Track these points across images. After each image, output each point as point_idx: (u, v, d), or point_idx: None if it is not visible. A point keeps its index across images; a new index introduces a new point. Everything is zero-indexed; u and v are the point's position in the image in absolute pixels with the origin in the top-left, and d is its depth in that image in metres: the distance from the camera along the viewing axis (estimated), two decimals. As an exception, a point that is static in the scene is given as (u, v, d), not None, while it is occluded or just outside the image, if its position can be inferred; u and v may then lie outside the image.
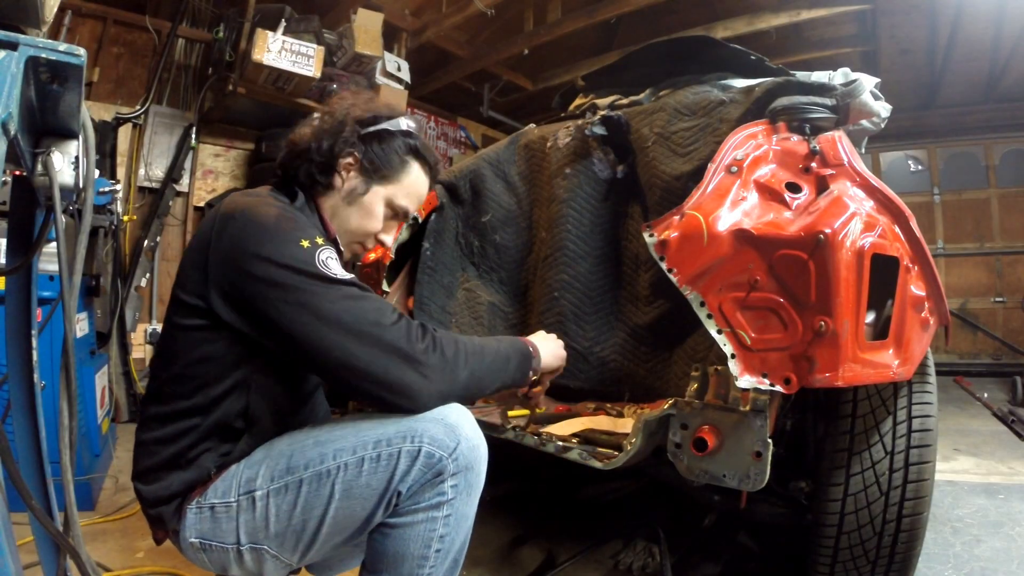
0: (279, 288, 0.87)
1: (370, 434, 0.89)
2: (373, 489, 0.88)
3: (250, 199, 0.97)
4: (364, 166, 1.06)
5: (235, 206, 0.94)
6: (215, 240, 0.91)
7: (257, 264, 0.87)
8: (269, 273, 0.87)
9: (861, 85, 1.34)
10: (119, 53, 4.01)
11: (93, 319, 2.67)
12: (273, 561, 0.94)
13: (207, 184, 4.40)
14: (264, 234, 0.89)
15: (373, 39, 4.12)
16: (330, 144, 1.04)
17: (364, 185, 1.07)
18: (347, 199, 1.07)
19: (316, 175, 1.04)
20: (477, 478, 0.92)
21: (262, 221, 0.91)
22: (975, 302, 5.69)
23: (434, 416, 0.90)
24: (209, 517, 0.93)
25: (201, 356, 0.93)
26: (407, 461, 0.87)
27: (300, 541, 0.92)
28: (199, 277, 0.92)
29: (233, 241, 0.90)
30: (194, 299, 0.92)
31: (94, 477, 2.18)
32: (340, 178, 1.06)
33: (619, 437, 1.29)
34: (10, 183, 0.87)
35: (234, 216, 0.92)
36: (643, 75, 2.09)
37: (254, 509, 0.91)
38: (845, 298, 1.04)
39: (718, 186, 1.24)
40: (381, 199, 1.08)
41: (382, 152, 1.07)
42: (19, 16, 0.84)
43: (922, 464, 1.26)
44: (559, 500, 2.30)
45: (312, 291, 0.87)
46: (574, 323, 1.82)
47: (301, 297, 0.87)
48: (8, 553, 0.68)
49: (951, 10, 4.35)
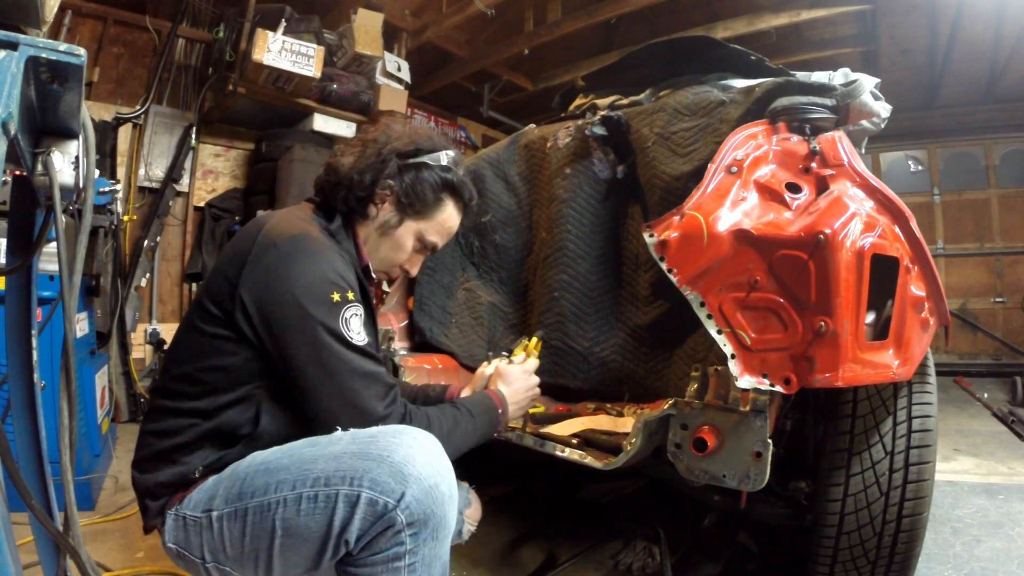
0: (302, 333, 0.91)
1: (311, 467, 0.84)
2: (313, 532, 0.83)
3: (294, 225, 0.98)
4: (400, 200, 1.09)
5: (279, 233, 0.96)
6: (251, 263, 0.93)
7: (289, 304, 0.91)
8: (297, 317, 0.91)
9: (861, 85, 1.34)
10: (119, 53, 4.01)
11: (93, 319, 2.67)
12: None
13: (207, 184, 4.40)
14: (301, 277, 0.92)
15: (373, 39, 4.12)
16: (372, 178, 1.06)
17: (397, 218, 1.09)
18: (380, 230, 1.10)
19: (354, 205, 1.07)
20: (442, 522, 0.84)
21: (302, 261, 0.93)
22: (975, 302, 5.68)
23: (379, 452, 0.83)
24: (183, 527, 0.93)
25: (217, 364, 0.94)
26: (345, 507, 0.81)
27: (259, 566, 0.88)
28: (228, 291, 0.93)
29: (271, 272, 0.92)
30: (218, 310, 0.94)
31: (94, 477, 2.18)
32: (375, 208, 1.09)
33: (619, 437, 1.29)
34: (10, 183, 0.87)
35: (276, 245, 0.94)
36: (643, 75, 2.09)
37: (211, 529, 0.90)
38: (845, 298, 1.04)
39: (718, 186, 1.24)
40: (412, 233, 1.11)
41: (418, 186, 1.09)
42: (19, 16, 0.84)
43: (922, 464, 1.26)
44: (559, 500, 2.30)
45: (329, 349, 0.91)
46: (574, 323, 1.82)
47: (318, 350, 0.91)
48: (8, 553, 0.68)
49: (951, 10, 4.35)
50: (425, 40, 4.76)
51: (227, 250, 1.01)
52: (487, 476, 2.26)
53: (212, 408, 0.95)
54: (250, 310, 0.92)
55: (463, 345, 1.98)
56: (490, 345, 1.98)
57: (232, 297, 0.92)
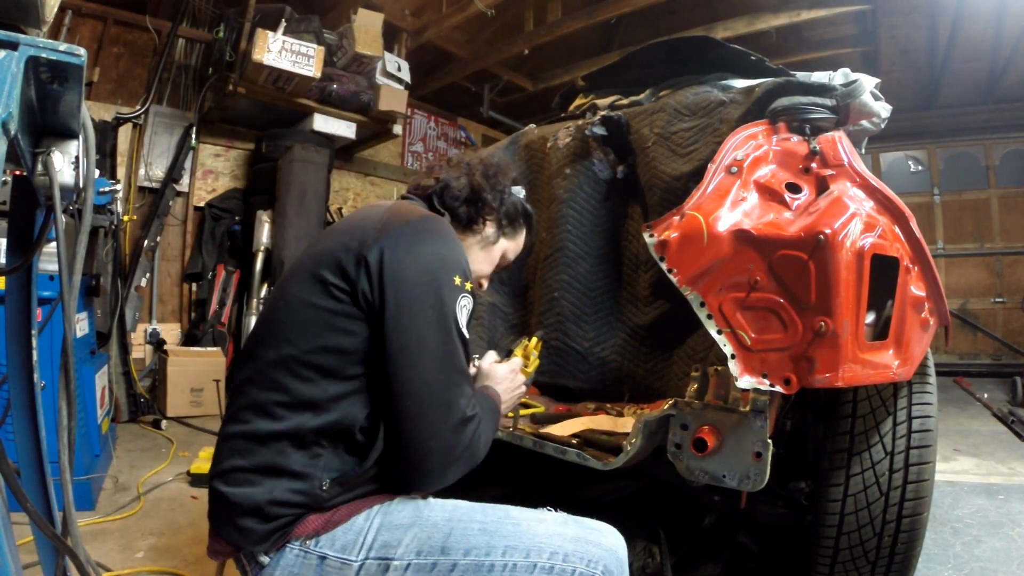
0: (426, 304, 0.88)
1: (546, 542, 0.87)
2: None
3: (423, 211, 1.01)
4: (500, 221, 1.20)
5: (409, 213, 0.97)
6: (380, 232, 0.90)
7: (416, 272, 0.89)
8: (426, 287, 0.89)
9: (861, 86, 1.34)
10: (119, 53, 4.02)
11: (93, 319, 2.68)
12: None
13: (207, 184, 4.40)
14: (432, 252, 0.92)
15: (373, 39, 4.12)
16: (491, 196, 1.16)
17: (495, 236, 1.20)
18: (481, 243, 1.18)
19: (475, 216, 1.16)
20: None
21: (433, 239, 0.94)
22: (975, 302, 5.69)
23: (608, 545, 0.90)
24: (315, 566, 0.83)
25: (335, 345, 0.87)
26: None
27: None
28: (352, 259, 0.89)
29: (401, 242, 0.90)
30: (341, 279, 0.88)
31: (94, 477, 2.18)
32: (483, 224, 1.17)
33: (619, 437, 1.29)
34: (10, 183, 0.87)
35: (409, 222, 0.94)
36: (643, 75, 2.08)
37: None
38: (845, 298, 1.04)
39: (718, 186, 1.24)
40: (501, 250, 1.23)
41: (513, 214, 1.22)
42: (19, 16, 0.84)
43: (922, 464, 1.26)
44: (560, 500, 2.29)
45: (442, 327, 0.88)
46: (574, 323, 1.82)
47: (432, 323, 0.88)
48: (8, 553, 0.68)
49: (951, 10, 4.36)
50: (425, 40, 4.76)
51: (341, 227, 0.98)
52: (487, 476, 2.26)
53: (326, 398, 0.86)
54: (374, 275, 0.87)
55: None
56: (490, 345, 1.98)
57: (358, 263, 0.88)
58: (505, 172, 1.21)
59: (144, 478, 2.43)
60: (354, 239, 0.90)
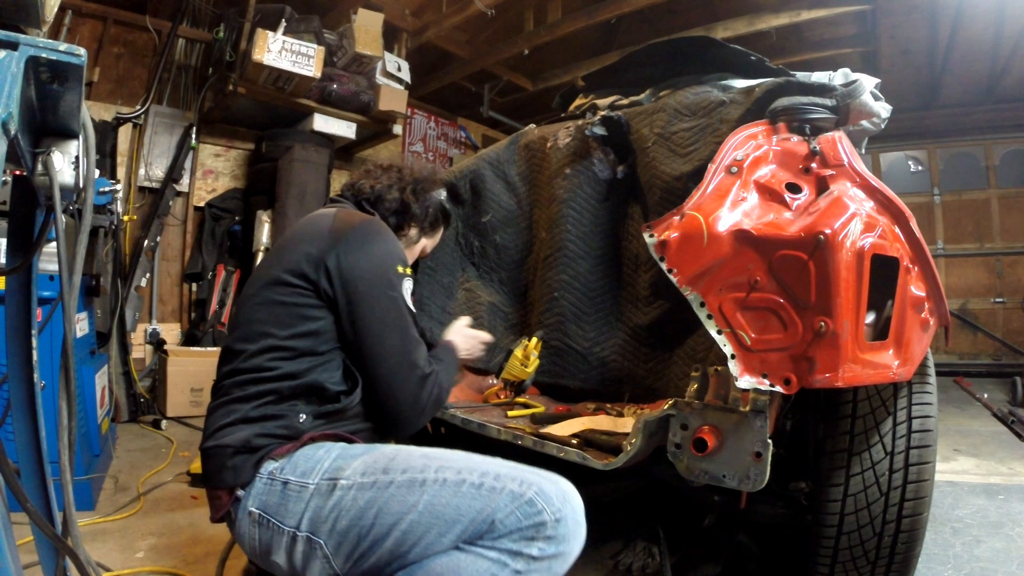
0: (377, 292, 1.10)
1: (481, 465, 0.92)
2: (460, 513, 0.87)
3: (362, 216, 1.21)
4: (423, 225, 1.43)
5: (353, 219, 1.16)
6: (333, 238, 1.10)
7: (369, 270, 1.10)
8: (377, 281, 1.11)
9: (861, 86, 1.34)
10: (119, 53, 4.01)
11: (93, 319, 2.67)
12: (322, 562, 0.91)
13: (207, 184, 4.40)
14: (379, 250, 1.13)
15: (373, 39, 4.12)
16: (418, 210, 1.39)
17: (417, 237, 1.44)
18: (404, 244, 1.38)
19: (399, 223, 1.37)
20: (569, 556, 0.88)
21: (377, 239, 1.15)
22: (975, 303, 5.69)
23: (551, 477, 0.92)
24: (279, 491, 0.94)
25: (307, 330, 1.06)
26: (508, 500, 0.87)
27: (358, 547, 0.90)
28: (312, 263, 1.08)
29: (351, 245, 1.10)
30: (302, 280, 1.08)
31: (94, 477, 2.18)
32: (407, 229, 1.41)
33: (619, 437, 1.29)
34: (10, 183, 0.87)
35: (355, 227, 1.13)
36: (643, 75, 2.09)
37: (330, 496, 0.91)
38: (845, 299, 1.04)
39: (718, 186, 1.24)
40: (421, 247, 1.48)
41: (433, 216, 1.44)
42: (19, 16, 0.84)
43: (922, 464, 1.26)
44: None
45: (396, 308, 1.12)
46: (574, 323, 1.82)
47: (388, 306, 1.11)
48: (8, 553, 0.68)
49: (951, 10, 4.35)
50: (425, 40, 4.76)
51: (296, 235, 1.17)
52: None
53: (303, 369, 1.04)
54: (335, 277, 1.07)
55: (463, 345, 1.98)
56: (490, 345, 1.98)
57: (318, 267, 1.07)
58: (431, 186, 1.41)
59: (144, 478, 2.43)
60: (312, 246, 1.10)
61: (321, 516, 0.91)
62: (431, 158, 6.07)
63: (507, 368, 1.71)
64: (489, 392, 1.93)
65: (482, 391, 1.97)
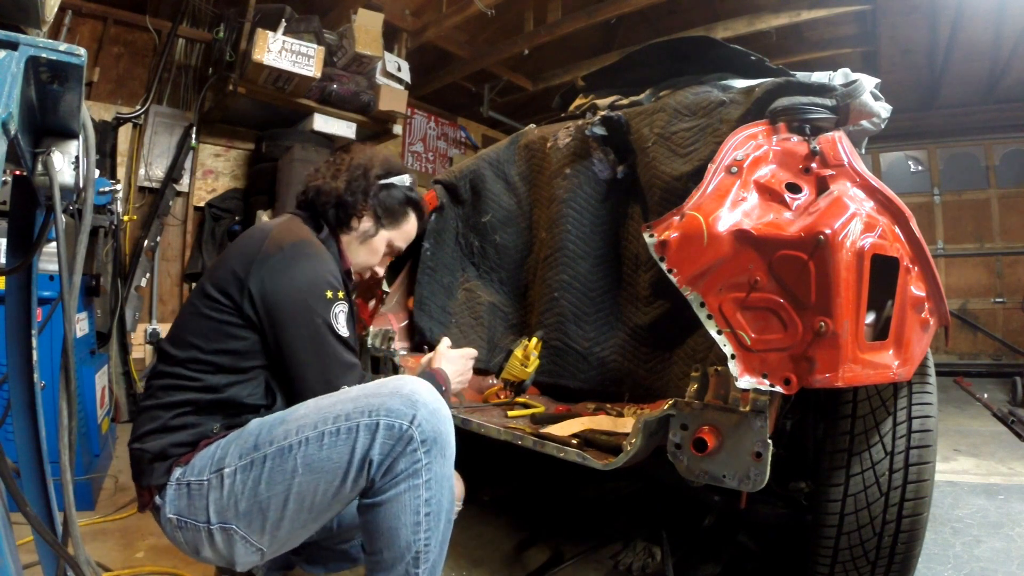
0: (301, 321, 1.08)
1: (330, 411, 0.97)
2: (335, 463, 0.94)
3: (296, 234, 1.16)
4: (377, 214, 1.31)
5: (283, 239, 1.12)
6: (260, 261, 1.08)
7: (293, 297, 1.07)
8: (299, 308, 1.08)
9: (861, 86, 1.34)
10: (119, 53, 4.01)
11: (93, 319, 2.67)
12: (243, 543, 0.99)
13: (207, 184, 4.40)
14: (304, 276, 1.09)
15: (373, 39, 4.12)
16: (360, 197, 1.27)
17: (374, 229, 1.31)
18: (360, 238, 1.30)
19: (344, 218, 1.27)
20: (447, 440, 0.99)
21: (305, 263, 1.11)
22: (975, 303, 5.68)
23: (391, 388, 0.98)
24: (185, 494, 1.00)
25: (227, 348, 1.06)
26: (367, 435, 0.94)
27: (267, 520, 0.97)
28: (237, 284, 1.07)
29: (277, 270, 1.08)
30: (226, 299, 1.07)
31: (94, 477, 2.18)
32: (358, 222, 1.29)
33: (619, 437, 1.29)
34: (10, 183, 0.87)
35: (283, 249, 1.10)
36: (643, 75, 2.09)
37: (223, 486, 0.97)
38: (845, 299, 1.04)
39: (718, 186, 1.24)
40: (384, 241, 1.34)
41: (391, 204, 1.32)
42: (19, 16, 0.84)
43: (922, 464, 1.26)
44: (560, 500, 2.30)
45: (321, 336, 1.09)
46: (574, 323, 1.82)
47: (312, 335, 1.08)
48: (8, 553, 0.68)
49: (951, 11, 4.35)
50: (425, 40, 4.76)
51: (232, 250, 1.15)
52: (487, 476, 2.26)
53: (223, 384, 1.06)
54: (257, 301, 1.06)
55: (463, 345, 1.97)
56: (490, 345, 1.98)
57: (241, 290, 1.06)
58: (369, 168, 1.30)
59: (144, 478, 2.43)
60: (240, 266, 1.08)
61: (222, 505, 0.97)
62: (431, 158, 6.07)
63: (507, 368, 1.71)
64: (489, 392, 1.93)
65: (482, 391, 1.97)
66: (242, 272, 1.07)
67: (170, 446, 1.03)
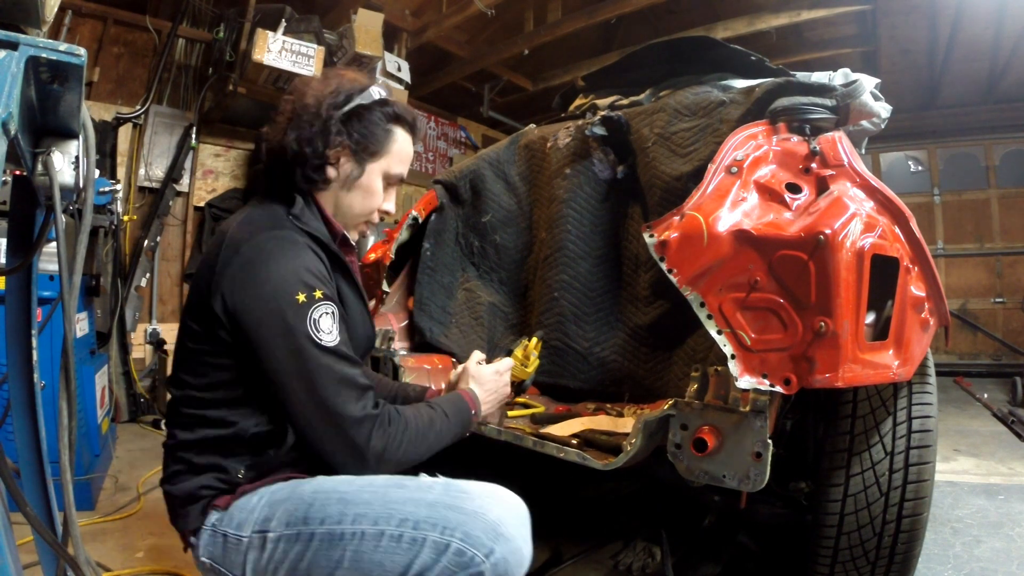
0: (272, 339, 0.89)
1: (398, 509, 0.84)
2: (386, 570, 0.82)
3: (256, 227, 0.96)
4: (353, 150, 1.05)
5: (241, 238, 0.94)
6: (219, 273, 0.92)
7: (257, 311, 0.90)
8: (265, 323, 0.89)
9: (861, 86, 1.35)
10: (119, 53, 4.01)
11: (93, 319, 2.68)
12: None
13: (207, 184, 4.40)
14: (267, 283, 0.90)
15: (373, 39, 4.12)
16: (323, 144, 1.02)
17: (358, 168, 1.06)
18: (345, 186, 1.07)
19: (312, 175, 1.03)
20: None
21: (265, 265, 0.91)
22: (975, 303, 5.69)
23: (475, 507, 0.84)
24: (221, 544, 0.91)
25: (215, 381, 0.94)
26: (432, 553, 0.81)
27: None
28: (203, 306, 0.93)
29: (235, 280, 0.91)
30: (199, 326, 0.94)
31: (94, 477, 2.18)
32: (334, 170, 1.05)
33: (619, 438, 1.29)
34: (10, 183, 0.87)
35: (239, 252, 0.92)
36: (643, 75, 2.09)
37: (263, 550, 0.88)
38: (845, 299, 1.04)
39: (718, 187, 1.24)
40: (378, 174, 1.08)
41: (365, 130, 1.05)
42: (19, 16, 0.84)
43: (922, 465, 1.26)
44: (560, 500, 2.30)
45: (299, 353, 0.89)
46: (574, 323, 1.82)
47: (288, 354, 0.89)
48: (8, 553, 0.68)
49: (951, 10, 4.35)
50: (425, 40, 4.76)
51: (200, 264, 0.99)
52: (487, 476, 2.26)
53: (227, 419, 0.94)
54: (224, 322, 0.91)
55: (463, 345, 1.98)
56: (490, 345, 1.98)
57: (209, 312, 0.91)
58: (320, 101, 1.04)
59: (144, 478, 2.43)
60: (204, 282, 0.93)
61: (260, 568, 0.89)
62: (431, 158, 6.07)
63: (507, 368, 1.71)
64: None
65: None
66: (205, 289, 0.92)
67: (200, 488, 0.94)
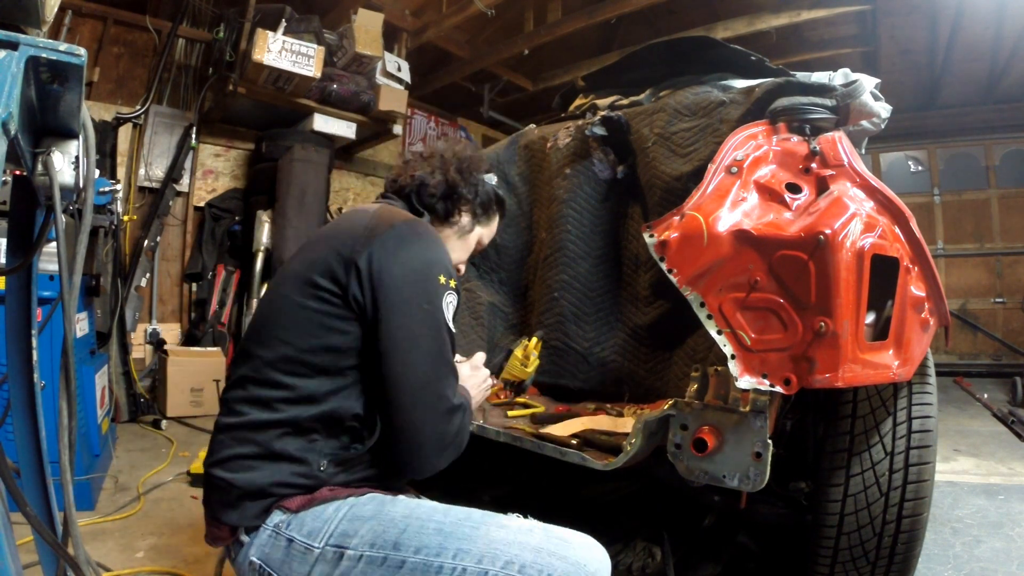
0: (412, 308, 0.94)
1: (503, 550, 0.84)
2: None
3: (405, 215, 1.05)
4: (475, 210, 1.24)
5: (394, 218, 1.01)
6: (368, 238, 0.95)
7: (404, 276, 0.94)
8: (412, 292, 0.94)
9: (861, 86, 1.34)
10: (119, 53, 4.02)
11: (93, 319, 2.67)
12: None
13: (207, 184, 4.40)
14: (418, 256, 0.97)
15: (373, 39, 4.12)
16: (466, 191, 1.21)
17: (471, 224, 1.25)
18: (457, 233, 1.24)
19: (447, 209, 1.20)
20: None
21: (418, 243, 0.99)
22: (975, 303, 5.69)
23: (576, 559, 0.86)
24: (283, 548, 0.87)
25: (328, 344, 0.93)
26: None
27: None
28: (343, 265, 0.94)
29: (388, 247, 0.95)
30: (332, 284, 0.94)
31: (94, 477, 2.18)
32: (459, 215, 1.22)
33: (619, 438, 1.29)
34: (10, 183, 0.87)
35: (394, 227, 0.98)
36: (643, 75, 2.08)
37: (336, 566, 0.84)
38: (845, 299, 1.04)
39: (718, 187, 1.24)
40: (477, 237, 1.28)
41: (487, 199, 1.26)
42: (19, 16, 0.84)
43: (922, 465, 1.26)
44: (560, 500, 2.30)
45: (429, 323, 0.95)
46: (574, 323, 1.82)
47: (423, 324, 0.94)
48: (8, 553, 0.68)
49: (951, 11, 4.36)
50: (425, 40, 4.76)
51: (329, 232, 1.03)
52: (487, 476, 2.26)
53: (322, 392, 0.92)
54: (365, 282, 0.93)
55: (463, 345, 1.98)
56: (490, 345, 1.98)
57: (348, 270, 0.93)
58: (477, 164, 1.25)
59: (144, 478, 2.43)
60: (345, 245, 0.95)
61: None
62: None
63: (507, 368, 1.71)
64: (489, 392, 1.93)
65: (482, 391, 1.96)
66: (347, 250, 0.94)
67: (273, 484, 0.89)
